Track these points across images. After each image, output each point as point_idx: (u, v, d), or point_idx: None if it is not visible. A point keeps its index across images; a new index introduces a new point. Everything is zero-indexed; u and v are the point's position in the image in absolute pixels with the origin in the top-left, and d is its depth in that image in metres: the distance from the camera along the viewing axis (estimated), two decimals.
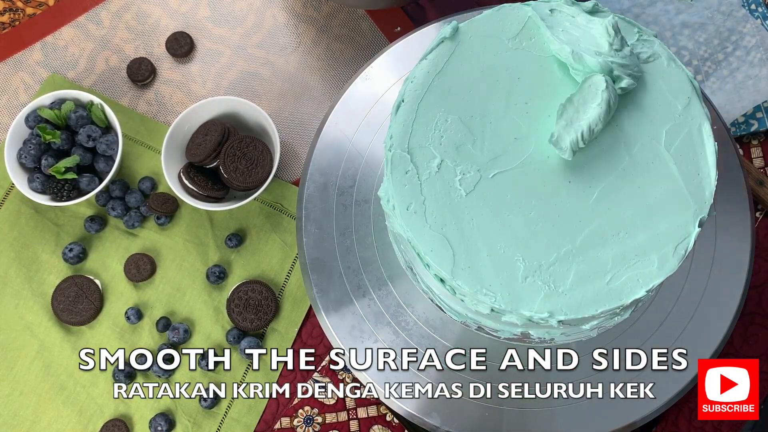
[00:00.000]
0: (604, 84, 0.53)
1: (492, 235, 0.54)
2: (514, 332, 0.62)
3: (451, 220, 0.54)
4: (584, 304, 0.53)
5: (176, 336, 0.77)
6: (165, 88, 0.85)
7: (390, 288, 0.69)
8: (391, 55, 0.74)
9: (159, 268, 0.80)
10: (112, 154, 0.79)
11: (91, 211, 0.81)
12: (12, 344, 0.79)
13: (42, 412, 0.78)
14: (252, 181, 0.77)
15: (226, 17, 0.86)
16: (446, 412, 0.68)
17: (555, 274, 0.53)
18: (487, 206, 0.54)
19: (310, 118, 0.84)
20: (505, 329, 0.62)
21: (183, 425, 0.77)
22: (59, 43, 0.86)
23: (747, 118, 0.81)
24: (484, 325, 0.63)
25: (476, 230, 0.54)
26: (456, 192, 0.55)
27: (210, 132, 0.78)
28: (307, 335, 0.79)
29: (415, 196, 0.55)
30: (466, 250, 0.54)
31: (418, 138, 0.55)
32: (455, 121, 0.56)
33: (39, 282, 0.80)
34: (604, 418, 0.67)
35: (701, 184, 0.55)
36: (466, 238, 0.54)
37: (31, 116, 0.78)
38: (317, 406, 0.78)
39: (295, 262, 0.81)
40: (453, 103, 0.56)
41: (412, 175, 0.55)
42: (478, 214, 0.54)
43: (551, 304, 0.53)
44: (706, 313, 0.68)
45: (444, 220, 0.54)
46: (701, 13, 0.82)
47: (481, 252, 0.54)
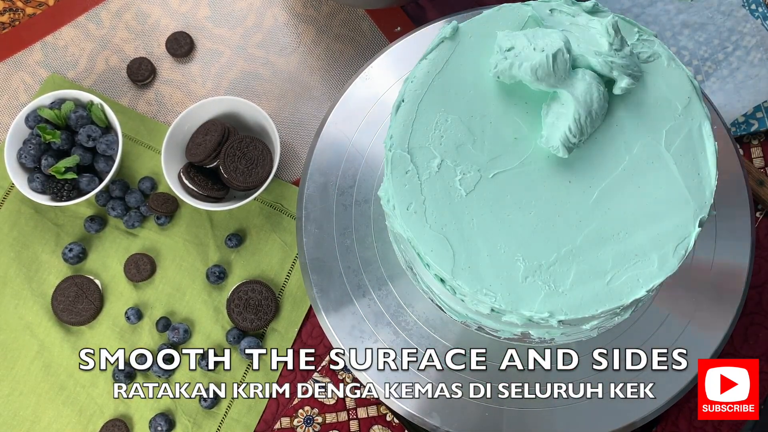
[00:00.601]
0: (588, 78, 0.53)
1: (492, 235, 0.54)
2: (515, 332, 0.62)
3: (451, 220, 0.54)
4: (584, 304, 0.53)
5: (176, 336, 0.77)
6: (165, 88, 0.85)
7: (390, 288, 0.69)
8: (391, 55, 0.74)
9: (159, 268, 0.80)
10: (112, 154, 0.79)
11: (91, 211, 0.81)
12: (12, 344, 0.79)
13: (42, 412, 0.78)
14: (252, 181, 0.77)
15: (226, 17, 0.86)
16: (446, 412, 0.68)
17: (555, 274, 0.53)
18: (487, 206, 0.54)
19: (310, 118, 0.84)
20: (506, 329, 0.62)
21: (183, 425, 0.77)
22: (59, 43, 0.86)
23: (747, 118, 0.81)
24: (484, 325, 0.63)
25: (476, 230, 0.54)
26: (456, 192, 0.55)
27: (210, 132, 0.78)
28: (307, 335, 0.79)
29: (415, 196, 0.55)
30: (466, 250, 0.54)
31: (418, 138, 0.55)
32: (455, 121, 0.56)
33: (39, 282, 0.80)
34: (604, 418, 0.67)
35: (701, 183, 0.55)
36: (466, 238, 0.54)
37: (31, 116, 0.78)
38: (317, 406, 0.78)
39: (295, 262, 0.81)
40: (453, 103, 0.56)
41: (412, 174, 0.55)
42: (478, 214, 0.54)
43: (551, 304, 0.53)
44: (706, 313, 0.68)
45: (444, 220, 0.54)
46: (701, 13, 0.82)
47: (481, 252, 0.54)
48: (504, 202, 0.55)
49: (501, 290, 0.53)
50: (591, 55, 0.54)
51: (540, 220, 0.54)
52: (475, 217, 0.54)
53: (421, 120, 0.56)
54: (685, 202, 0.54)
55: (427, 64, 0.57)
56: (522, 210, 0.54)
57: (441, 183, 0.55)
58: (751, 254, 0.69)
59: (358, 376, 0.69)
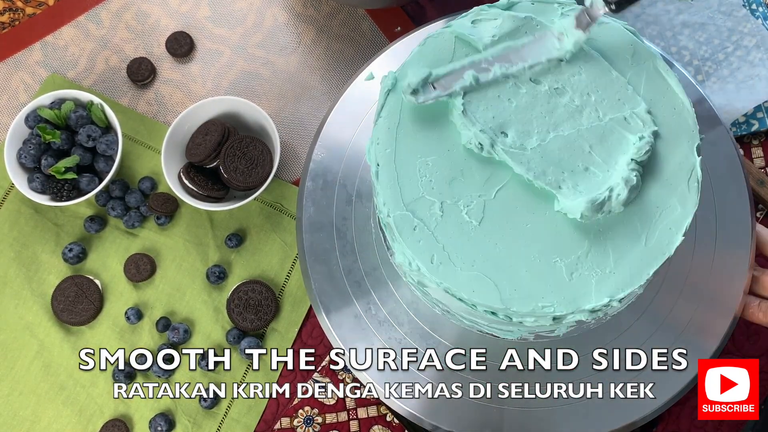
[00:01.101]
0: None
1: (521, 250, 0.53)
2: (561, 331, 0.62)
3: (477, 253, 0.53)
4: (635, 273, 0.53)
5: (176, 336, 0.77)
6: (165, 88, 0.85)
7: (390, 288, 0.69)
8: (391, 55, 0.74)
9: (159, 268, 0.80)
10: (112, 154, 0.79)
11: (91, 211, 0.81)
12: (12, 344, 0.79)
13: (42, 412, 0.78)
14: (252, 181, 0.77)
15: (226, 17, 0.86)
16: (446, 412, 0.68)
17: (595, 259, 0.53)
18: (503, 225, 0.54)
19: (310, 118, 0.84)
20: (560, 327, 0.61)
21: (183, 425, 0.77)
22: (59, 43, 0.86)
23: (747, 118, 0.81)
24: (540, 331, 0.63)
25: (504, 251, 0.53)
26: (469, 225, 0.54)
27: (210, 132, 0.78)
28: (307, 335, 0.79)
29: (434, 247, 0.54)
30: (505, 275, 0.53)
31: (410, 192, 0.54)
32: (436, 161, 0.55)
33: (39, 282, 0.80)
34: (604, 418, 0.67)
35: (682, 115, 0.55)
36: (499, 264, 0.53)
37: (31, 116, 0.78)
38: (317, 406, 0.78)
39: (295, 262, 0.81)
40: (426, 146, 0.55)
41: (420, 229, 0.54)
42: (499, 236, 0.54)
43: (606, 288, 0.53)
44: (706, 313, 0.68)
45: (471, 256, 0.53)
46: (702, 13, 0.82)
47: (519, 270, 0.53)
48: (517, 214, 0.54)
49: (556, 297, 0.53)
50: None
51: (557, 217, 0.54)
52: (498, 240, 0.54)
53: (404, 175, 0.55)
54: (676, 138, 0.55)
55: (384, 122, 0.56)
56: (537, 214, 0.54)
57: (451, 223, 0.54)
58: (752, 254, 0.69)
59: (358, 376, 0.69)
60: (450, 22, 0.58)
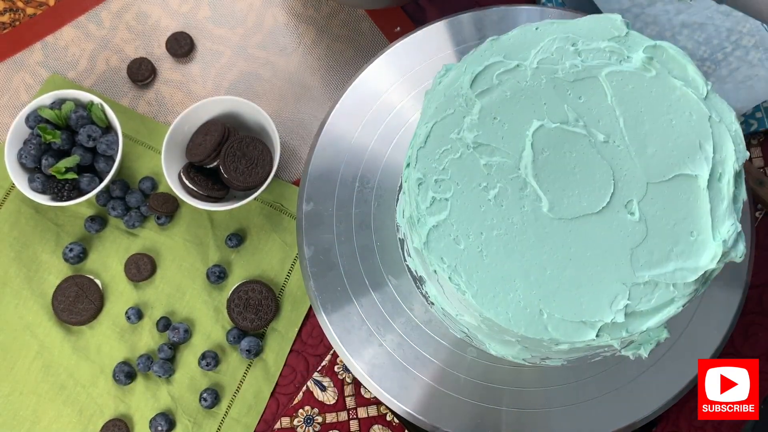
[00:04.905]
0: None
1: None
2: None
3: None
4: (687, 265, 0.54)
5: (176, 336, 0.77)
6: (165, 88, 0.85)
7: (390, 288, 0.69)
8: (391, 55, 0.75)
9: (159, 268, 0.80)
10: (113, 154, 0.79)
11: (91, 211, 0.81)
12: (12, 344, 0.79)
13: (42, 412, 0.78)
14: (252, 181, 0.77)
15: (227, 17, 0.87)
16: (446, 412, 0.68)
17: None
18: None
19: (310, 118, 0.84)
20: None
21: (183, 425, 0.77)
22: (60, 44, 0.86)
23: (747, 118, 0.81)
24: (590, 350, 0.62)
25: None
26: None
27: (210, 132, 0.78)
28: (307, 335, 0.79)
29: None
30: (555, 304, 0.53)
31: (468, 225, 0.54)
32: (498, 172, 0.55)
33: (39, 282, 0.80)
34: (604, 418, 0.67)
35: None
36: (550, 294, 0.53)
37: (32, 116, 0.78)
38: (317, 406, 0.78)
39: (295, 262, 0.81)
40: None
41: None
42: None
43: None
44: (706, 313, 0.68)
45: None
46: (701, 13, 0.82)
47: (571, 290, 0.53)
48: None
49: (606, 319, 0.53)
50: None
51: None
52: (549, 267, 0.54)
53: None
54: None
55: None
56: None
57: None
58: (751, 254, 0.69)
59: (358, 376, 0.69)
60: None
